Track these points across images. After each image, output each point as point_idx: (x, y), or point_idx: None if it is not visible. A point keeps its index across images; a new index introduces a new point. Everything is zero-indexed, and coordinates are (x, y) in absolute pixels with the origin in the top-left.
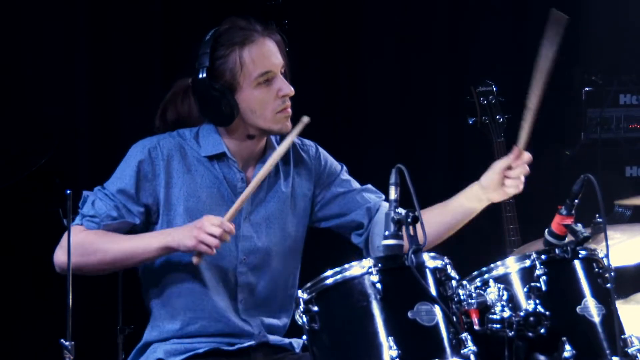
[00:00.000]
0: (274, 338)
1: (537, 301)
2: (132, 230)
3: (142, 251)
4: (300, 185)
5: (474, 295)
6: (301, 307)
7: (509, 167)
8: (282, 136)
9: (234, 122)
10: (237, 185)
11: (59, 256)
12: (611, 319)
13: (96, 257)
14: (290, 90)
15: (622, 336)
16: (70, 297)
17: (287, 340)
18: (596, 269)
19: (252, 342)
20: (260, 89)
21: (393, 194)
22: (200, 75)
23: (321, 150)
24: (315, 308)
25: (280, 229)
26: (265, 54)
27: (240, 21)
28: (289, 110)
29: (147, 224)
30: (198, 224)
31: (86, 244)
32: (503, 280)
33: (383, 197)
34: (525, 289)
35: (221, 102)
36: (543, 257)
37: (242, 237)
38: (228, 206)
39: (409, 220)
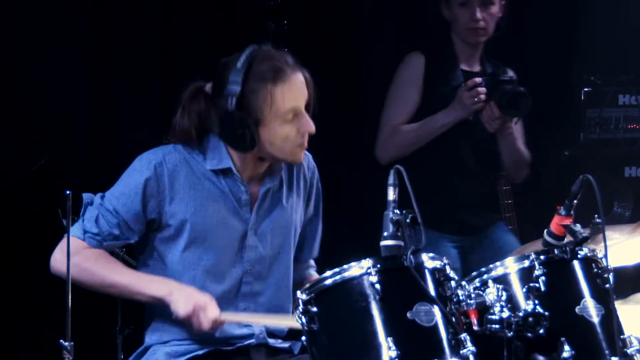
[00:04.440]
0: (273, 341)
1: (536, 301)
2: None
3: (137, 292)
4: (297, 194)
5: (472, 295)
6: (300, 307)
7: None
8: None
9: None
10: (242, 198)
11: (56, 261)
12: (610, 319)
13: (93, 281)
14: (312, 128)
15: (621, 336)
16: (70, 297)
17: (286, 344)
18: (595, 270)
19: (252, 341)
20: (285, 125)
21: (391, 194)
22: (230, 105)
23: (315, 166)
24: (314, 309)
25: (284, 237)
26: (294, 92)
27: (273, 52)
28: (306, 144)
29: (147, 234)
30: (201, 302)
31: (85, 265)
32: (502, 280)
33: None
34: (524, 290)
35: (245, 134)
36: (542, 257)
37: (248, 248)
38: (234, 219)
39: (408, 221)
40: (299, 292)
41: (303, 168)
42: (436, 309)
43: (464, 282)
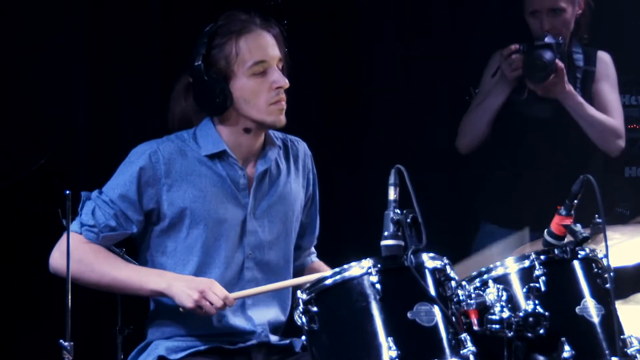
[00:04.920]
0: (274, 338)
1: (537, 302)
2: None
3: (137, 287)
4: (296, 181)
5: (473, 295)
6: (300, 307)
7: None
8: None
9: (227, 111)
10: (240, 182)
11: (55, 259)
12: (610, 320)
13: (92, 278)
14: (284, 82)
15: (622, 336)
16: (70, 297)
17: (287, 341)
18: (595, 270)
19: (253, 342)
20: (255, 79)
21: (392, 194)
22: (196, 63)
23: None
24: (315, 308)
25: (282, 222)
26: (261, 44)
27: (241, 13)
28: (283, 103)
29: (146, 226)
30: (201, 287)
31: (85, 261)
32: (502, 280)
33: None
34: (525, 290)
35: (215, 90)
36: (542, 257)
37: (248, 232)
38: (233, 204)
39: (408, 220)
40: (299, 292)
41: (300, 153)
42: (436, 309)
43: (464, 282)
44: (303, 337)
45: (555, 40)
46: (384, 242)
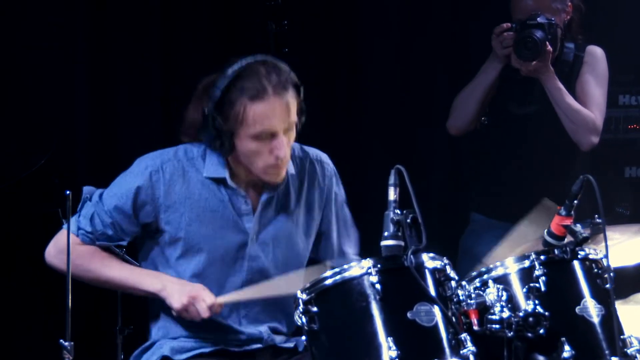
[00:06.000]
0: (280, 339)
1: (536, 302)
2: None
3: (131, 286)
4: (309, 204)
5: (473, 295)
6: (300, 307)
7: None
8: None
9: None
10: (242, 208)
11: (50, 255)
12: (610, 320)
13: (88, 276)
14: (284, 154)
15: (621, 336)
16: (70, 297)
17: (291, 343)
18: (595, 270)
19: (259, 345)
20: (257, 142)
21: (392, 194)
22: (208, 107)
23: (334, 171)
24: (315, 309)
25: (288, 248)
26: (269, 115)
27: (263, 68)
28: (282, 165)
29: (144, 238)
30: (193, 293)
31: (79, 262)
32: (502, 280)
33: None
34: (525, 290)
35: (219, 139)
36: (542, 257)
37: (250, 257)
38: (231, 229)
39: (408, 221)
40: (299, 292)
41: (318, 176)
42: (436, 309)
43: (464, 282)
44: (303, 337)
45: (547, 20)
46: (384, 242)
